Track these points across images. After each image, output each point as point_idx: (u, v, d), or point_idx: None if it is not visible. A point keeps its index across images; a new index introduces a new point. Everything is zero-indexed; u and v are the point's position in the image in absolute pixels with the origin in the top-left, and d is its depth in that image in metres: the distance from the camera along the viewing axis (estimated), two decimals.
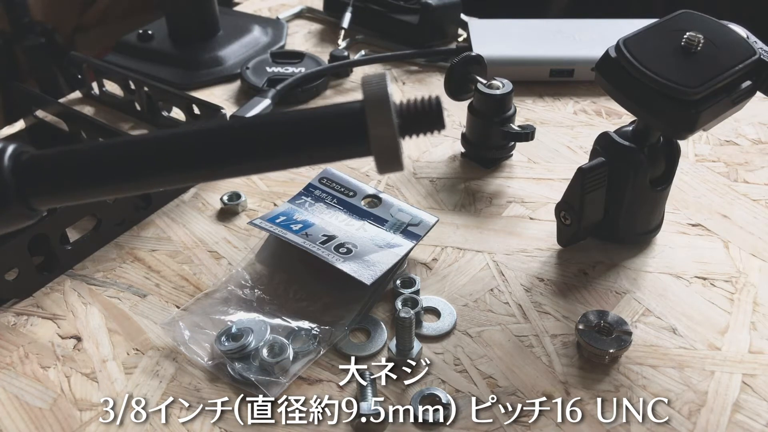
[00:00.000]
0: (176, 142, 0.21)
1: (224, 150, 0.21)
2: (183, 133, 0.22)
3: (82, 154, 0.22)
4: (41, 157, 0.22)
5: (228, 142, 0.21)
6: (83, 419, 0.35)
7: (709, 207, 0.47)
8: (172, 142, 0.21)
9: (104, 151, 0.22)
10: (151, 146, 0.22)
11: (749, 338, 0.38)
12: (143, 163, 0.21)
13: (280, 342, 0.37)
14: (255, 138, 0.21)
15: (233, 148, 0.21)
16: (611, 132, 0.41)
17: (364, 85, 0.20)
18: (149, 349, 0.39)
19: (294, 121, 0.21)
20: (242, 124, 0.21)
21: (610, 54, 0.38)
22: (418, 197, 0.49)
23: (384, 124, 0.20)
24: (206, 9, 0.67)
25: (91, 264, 0.45)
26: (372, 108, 0.20)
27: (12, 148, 0.22)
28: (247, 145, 0.21)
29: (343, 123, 0.20)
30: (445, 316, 0.40)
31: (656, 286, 0.41)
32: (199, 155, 0.21)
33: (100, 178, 0.22)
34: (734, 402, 0.35)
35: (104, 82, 0.61)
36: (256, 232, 0.46)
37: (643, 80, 0.36)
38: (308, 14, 0.78)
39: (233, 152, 0.21)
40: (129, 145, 0.22)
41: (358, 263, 0.39)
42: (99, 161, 0.22)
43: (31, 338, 0.40)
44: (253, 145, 0.21)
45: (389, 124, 0.19)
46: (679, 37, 0.36)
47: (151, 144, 0.22)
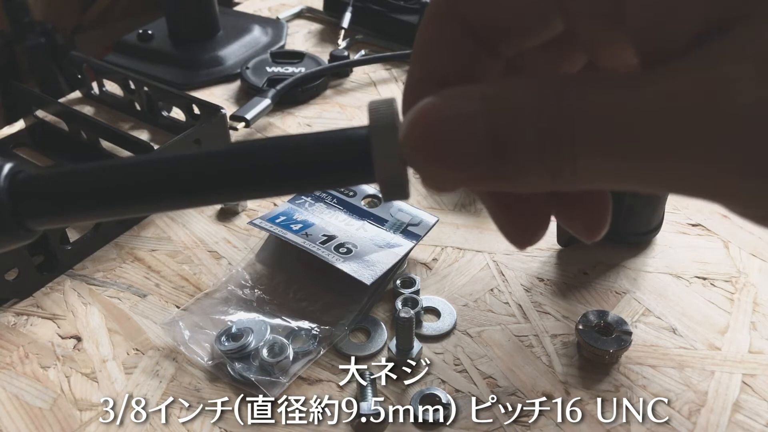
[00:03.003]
0: (178, 166, 0.21)
1: (227, 176, 0.21)
2: (185, 158, 0.21)
3: (80, 175, 0.22)
4: (37, 178, 0.22)
5: (230, 170, 0.20)
6: (83, 419, 0.35)
7: (709, 207, 0.47)
8: (174, 166, 0.21)
9: (104, 174, 0.22)
10: (151, 170, 0.21)
11: (749, 338, 0.38)
12: (144, 188, 0.21)
13: (280, 342, 0.37)
14: (257, 164, 0.20)
15: (236, 174, 0.20)
16: None
17: (371, 112, 0.19)
18: (149, 349, 0.39)
19: (296, 148, 0.20)
20: (245, 148, 0.21)
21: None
22: (418, 197, 0.49)
23: (391, 154, 0.19)
24: (206, 9, 0.67)
25: (91, 264, 0.45)
26: (378, 136, 0.19)
27: (8, 167, 0.22)
28: (250, 172, 0.20)
29: (348, 151, 0.20)
30: (445, 316, 0.40)
31: (656, 286, 0.41)
32: (200, 181, 0.21)
33: (99, 201, 0.22)
34: (734, 402, 0.35)
35: (104, 82, 0.61)
36: (256, 232, 0.46)
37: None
38: (308, 14, 0.78)
39: (235, 179, 0.20)
40: (129, 168, 0.22)
41: (358, 263, 0.39)
42: (98, 184, 0.21)
43: (31, 338, 0.40)
44: (256, 172, 0.20)
45: (396, 153, 0.19)
46: None
47: (152, 168, 0.21)
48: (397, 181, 0.19)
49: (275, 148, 0.20)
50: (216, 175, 0.21)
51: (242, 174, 0.20)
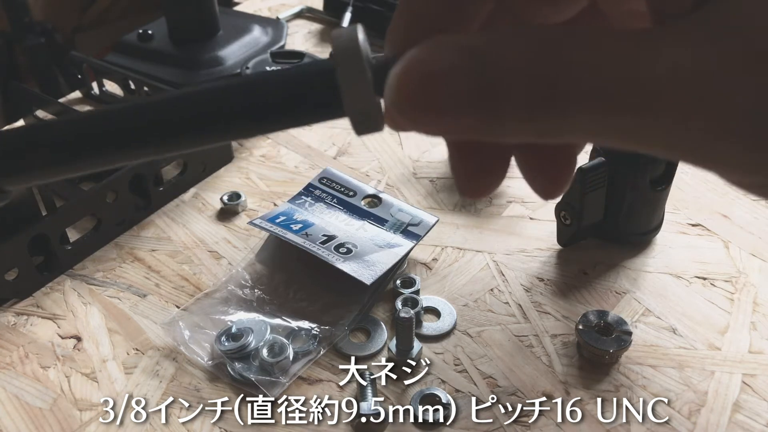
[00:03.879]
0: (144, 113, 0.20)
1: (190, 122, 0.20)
2: (147, 104, 0.20)
3: (47, 129, 0.21)
4: (5, 135, 0.22)
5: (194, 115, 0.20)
6: (83, 419, 0.35)
7: (709, 207, 0.47)
8: (141, 113, 0.20)
9: (71, 126, 0.21)
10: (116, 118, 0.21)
11: (749, 338, 0.38)
12: (111, 137, 0.20)
13: (280, 342, 0.37)
14: (222, 105, 0.19)
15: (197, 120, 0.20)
16: None
17: (335, 40, 0.18)
18: (149, 349, 0.39)
19: (260, 85, 0.19)
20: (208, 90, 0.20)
21: None
22: (418, 197, 0.49)
23: (357, 82, 0.18)
24: (206, 9, 0.67)
25: (91, 264, 0.45)
26: (344, 65, 0.18)
27: None
28: (215, 113, 0.20)
29: (313, 84, 0.19)
30: (445, 316, 0.40)
31: (656, 286, 0.41)
32: (162, 129, 0.20)
33: (69, 154, 0.21)
34: (734, 402, 0.35)
35: (104, 82, 0.61)
36: (256, 232, 0.46)
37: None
38: (308, 14, 0.78)
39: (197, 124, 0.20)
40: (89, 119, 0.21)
41: (358, 263, 0.39)
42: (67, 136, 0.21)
43: (31, 338, 0.40)
44: (221, 112, 0.20)
45: (363, 81, 0.18)
46: None
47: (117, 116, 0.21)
48: (369, 114, 0.19)
49: (238, 88, 0.20)
50: (179, 122, 0.20)
51: (204, 119, 0.20)
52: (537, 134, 0.17)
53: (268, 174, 0.52)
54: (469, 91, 0.17)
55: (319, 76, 0.19)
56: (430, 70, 0.17)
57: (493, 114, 0.17)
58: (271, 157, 0.54)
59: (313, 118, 0.20)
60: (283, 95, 0.19)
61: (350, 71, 0.18)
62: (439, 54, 0.17)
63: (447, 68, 0.17)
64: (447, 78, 0.17)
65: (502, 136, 0.17)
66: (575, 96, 0.16)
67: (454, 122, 0.17)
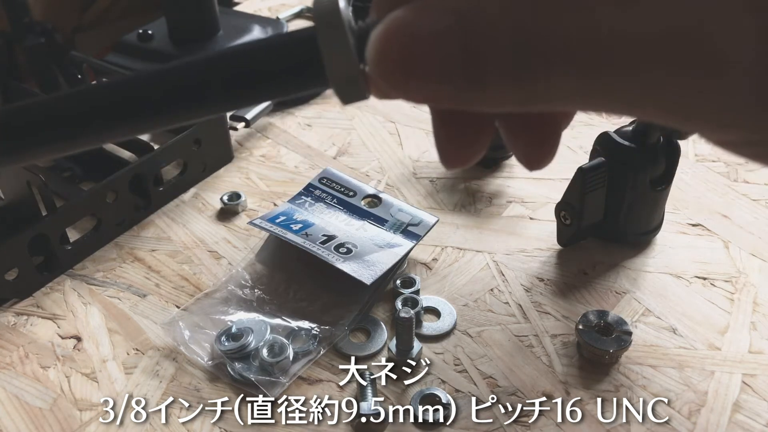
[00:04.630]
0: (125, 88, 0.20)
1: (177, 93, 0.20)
2: (131, 79, 0.20)
3: (29, 108, 0.21)
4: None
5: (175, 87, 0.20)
6: (83, 419, 0.35)
7: (709, 207, 0.47)
8: (123, 89, 0.20)
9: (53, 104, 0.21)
10: (97, 95, 0.20)
11: (749, 338, 0.38)
12: (93, 114, 0.20)
13: (280, 342, 0.37)
14: (205, 76, 0.19)
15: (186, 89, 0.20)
16: (611, 132, 0.41)
17: (315, 6, 0.18)
18: (149, 349, 0.39)
19: (241, 55, 0.19)
20: (189, 62, 0.20)
21: None
22: (418, 197, 0.49)
23: (339, 48, 0.17)
24: (206, 9, 0.67)
25: (91, 264, 0.45)
26: (324, 31, 0.18)
27: None
28: (196, 86, 0.19)
29: (294, 54, 0.18)
30: (445, 316, 0.40)
31: (656, 286, 0.41)
32: (146, 104, 0.20)
33: (50, 132, 0.21)
34: (734, 402, 0.35)
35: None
36: (256, 232, 0.46)
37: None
38: (308, 14, 0.78)
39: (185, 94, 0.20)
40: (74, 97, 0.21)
41: (358, 263, 0.39)
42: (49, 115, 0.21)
43: (31, 338, 0.40)
44: (202, 85, 0.19)
45: (345, 46, 0.17)
46: None
47: (98, 93, 0.20)
48: (353, 81, 0.18)
49: (220, 59, 0.19)
50: (162, 96, 0.20)
51: (186, 91, 0.19)
52: (521, 102, 0.17)
53: (268, 174, 0.52)
54: (451, 54, 0.16)
55: (301, 42, 0.18)
56: (416, 32, 0.16)
57: (477, 80, 0.16)
58: (271, 157, 0.54)
59: (296, 86, 0.19)
60: (265, 63, 0.19)
61: (331, 36, 0.18)
62: (427, 16, 0.16)
63: (436, 32, 0.16)
64: (436, 42, 0.16)
65: (488, 103, 0.17)
66: (556, 60, 0.15)
67: (436, 85, 0.17)
